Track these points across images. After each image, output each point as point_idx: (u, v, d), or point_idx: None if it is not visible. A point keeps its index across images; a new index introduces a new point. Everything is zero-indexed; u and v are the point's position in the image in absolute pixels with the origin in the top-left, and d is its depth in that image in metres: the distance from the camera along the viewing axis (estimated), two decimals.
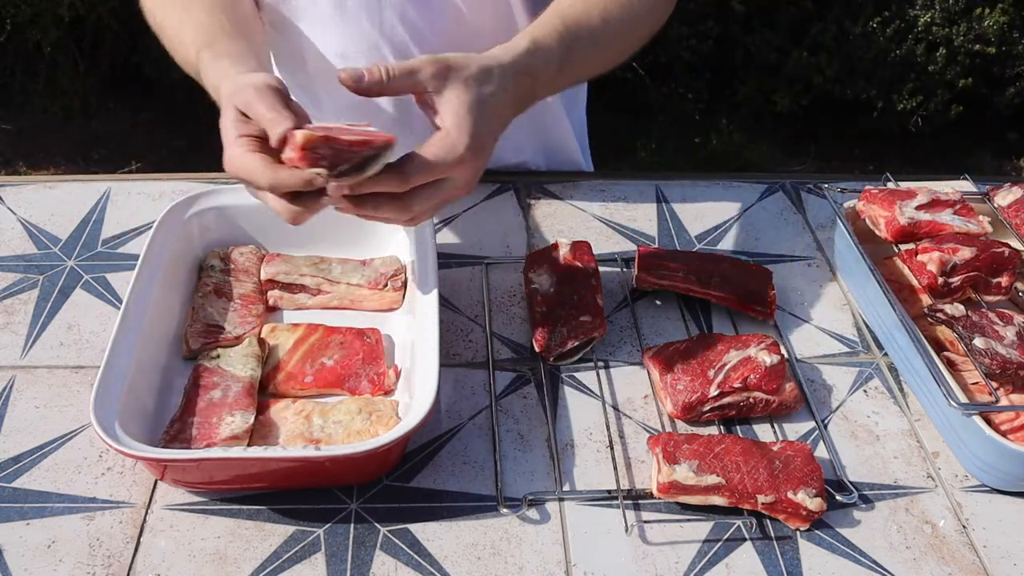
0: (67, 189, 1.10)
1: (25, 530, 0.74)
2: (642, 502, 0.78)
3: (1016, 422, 0.79)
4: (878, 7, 2.55)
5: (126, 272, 0.97)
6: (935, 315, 0.86)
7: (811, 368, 0.91)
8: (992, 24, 2.50)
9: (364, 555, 0.73)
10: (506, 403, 0.86)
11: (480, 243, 1.04)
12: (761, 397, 0.83)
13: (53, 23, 2.61)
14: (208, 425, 0.77)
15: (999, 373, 0.80)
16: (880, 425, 0.86)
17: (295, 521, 0.75)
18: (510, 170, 1.17)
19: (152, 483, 0.77)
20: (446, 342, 0.91)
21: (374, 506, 0.76)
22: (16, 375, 0.86)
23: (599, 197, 1.13)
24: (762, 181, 1.18)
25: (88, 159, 2.76)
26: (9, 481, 0.77)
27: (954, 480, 0.82)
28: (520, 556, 0.73)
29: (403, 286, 0.93)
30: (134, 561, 0.72)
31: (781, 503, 0.75)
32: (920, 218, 0.94)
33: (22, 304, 0.94)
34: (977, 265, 0.89)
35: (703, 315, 0.97)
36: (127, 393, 0.75)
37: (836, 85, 2.63)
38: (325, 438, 0.78)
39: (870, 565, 0.74)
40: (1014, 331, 0.84)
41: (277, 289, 0.92)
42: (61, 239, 1.02)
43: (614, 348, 0.92)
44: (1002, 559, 0.75)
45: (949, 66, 2.56)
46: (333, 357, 0.85)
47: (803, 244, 1.08)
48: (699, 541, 0.75)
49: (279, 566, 0.72)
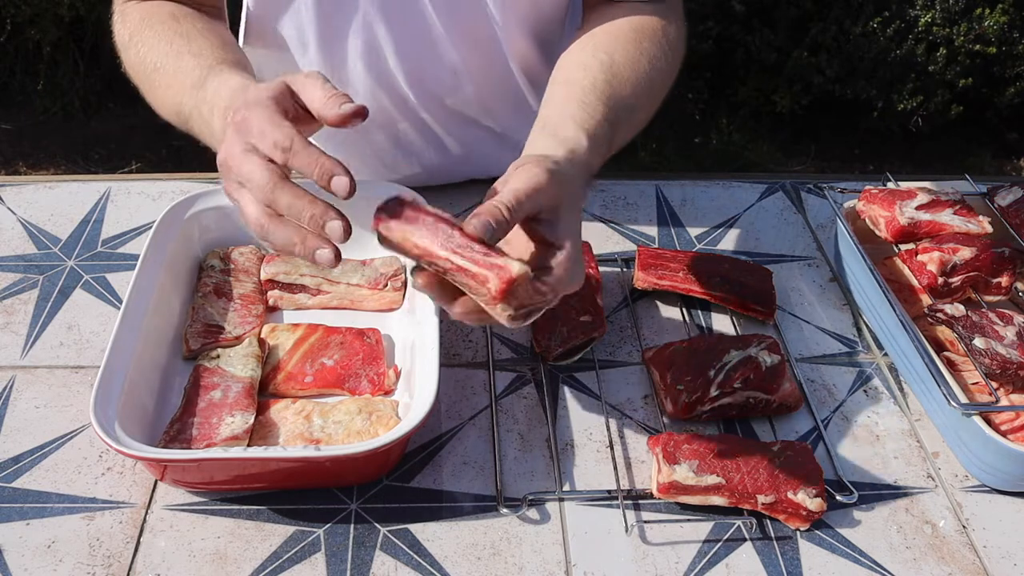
0: (67, 189, 1.10)
1: (25, 530, 0.74)
2: (642, 502, 0.78)
3: (1016, 422, 0.79)
4: (878, 7, 2.55)
5: (126, 272, 0.97)
6: (935, 315, 0.86)
7: (811, 368, 0.91)
8: (992, 24, 2.50)
9: (364, 555, 0.73)
10: (506, 403, 0.86)
11: None
12: (761, 397, 0.83)
13: (53, 23, 2.61)
14: (208, 425, 0.77)
15: (999, 373, 0.80)
16: (880, 425, 0.86)
17: (295, 521, 0.75)
18: None
19: (152, 483, 0.77)
20: (446, 342, 0.91)
21: (374, 506, 0.76)
22: (16, 375, 0.86)
23: (599, 197, 1.13)
24: (762, 181, 1.18)
25: (88, 159, 2.76)
26: (9, 481, 0.77)
27: (954, 480, 0.82)
28: (520, 556, 0.73)
29: (403, 286, 0.93)
30: (134, 561, 0.72)
31: (781, 503, 0.75)
32: (920, 218, 0.94)
33: (22, 304, 0.94)
34: (977, 265, 0.89)
35: (703, 315, 0.97)
36: (127, 393, 0.75)
37: (836, 85, 2.63)
38: (325, 438, 0.78)
39: (870, 565, 0.74)
40: (1014, 331, 0.84)
41: (277, 289, 0.92)
42: (61, 239, 1.02)
43: (614, 348, 0.92)
44: (1002, 559, 0.75)
45: (949, 66, 2.56)
46: (333, 357, 0.85)
47: (803, 244, 1.08)
48: (699, 541, 0.75)
49: (279, 566, 0.72)
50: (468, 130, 1.08)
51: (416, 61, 0.98)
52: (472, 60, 0.99)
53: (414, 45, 0.97)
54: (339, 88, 0.66)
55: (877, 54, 2.55)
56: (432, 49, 0.97)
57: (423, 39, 0.96)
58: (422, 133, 1.06)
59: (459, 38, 0.96)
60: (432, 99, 1.02)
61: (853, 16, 2.57)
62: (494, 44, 0.98)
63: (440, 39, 0.96)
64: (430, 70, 0.99)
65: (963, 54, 2.55)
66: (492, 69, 1.01)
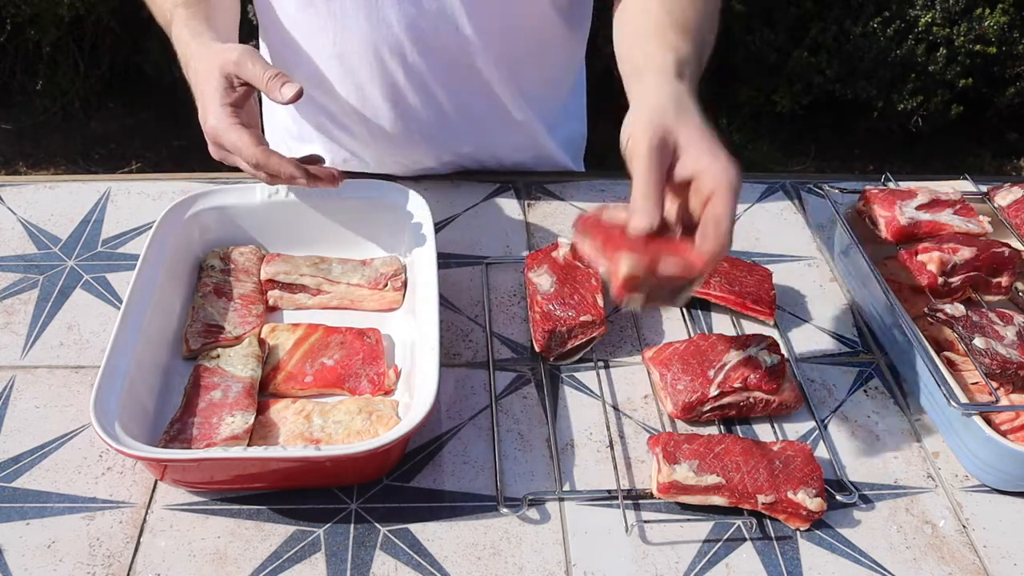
0: (67, 189, 1.10)
1: (25, 530, 0.74)
2: (642, 502, 0.78)
3: (1016, 422, 0.79)
4: (878, 7, 2.55)
5: (126, 272, 0.97)
6: (935, 315, 0.86)
7: (811, 368, 0.91)
8: (992, 24, 2.50)
9: (364, 555, 0.73)
10: (506, 403, 0.86)
11: (480, 243, 1.04)
12: (761, 397, 0.83)
13: (53, 23, 2.61)
14: (208, 425, 0.77)
15: (999, 373, 0.80)
16: (880, 425, 0.86)
17: (295, 521, 0.75)
18: (509, 170, 1.17)
19: (152, 483, 0.77)
20: (446, 342, 0.91)
21: (374, 506, 0.76)
22: (16, 375, 0.86)
23: (599, 197, 1.13)
24: (762, 181, 1.18)
25: (88, 159, 2.76)
26: (9, 481, 0.77)
27: (954, 480, 0.82)
28: (520, 556, 0.73)
29: (403, 286, 0.93)
30: (134, 561, 0.72)
31: (781, 503, 0.75)
32: (920, 218, 0.94)
33: (22, 304, 0.94)
34: (977, 265, 0.89)
35: (703, 315, 0.97)
36: (127, 393, 0.75)
37: (836, 85, 2.63)
38: (325, 438, 0.78)
39: (870, 565, 0.74)
40: (1014, 331, 0.84)
41: (277, 289, 0.92)
42: (61, 239, 1.02)
43: (614, 348, 0.92)
44: (1002, 559, 0.75)
45: (949, 66, 2.56)
46: (333, 357, 0.85)
47: (803, 244, 1.08)
48: (699, 541, 0.75)
49: (279, 566, 0.72)
50: (465, 84, 1.06)
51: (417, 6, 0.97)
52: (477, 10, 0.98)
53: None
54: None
55: (877, 54, 2.55)
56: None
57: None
58: (416, 87, 1.04)
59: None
60: (430, 49, 1.01)
61: (853, 16, 2.57)
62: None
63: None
64: (432, 21, 0.98)
65: (963, 54, 2.55)
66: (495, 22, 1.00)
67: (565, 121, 1.21)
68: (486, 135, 1.12)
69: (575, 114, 1.24)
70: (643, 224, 0.67)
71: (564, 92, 1.19)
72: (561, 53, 1.12)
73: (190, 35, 0.87)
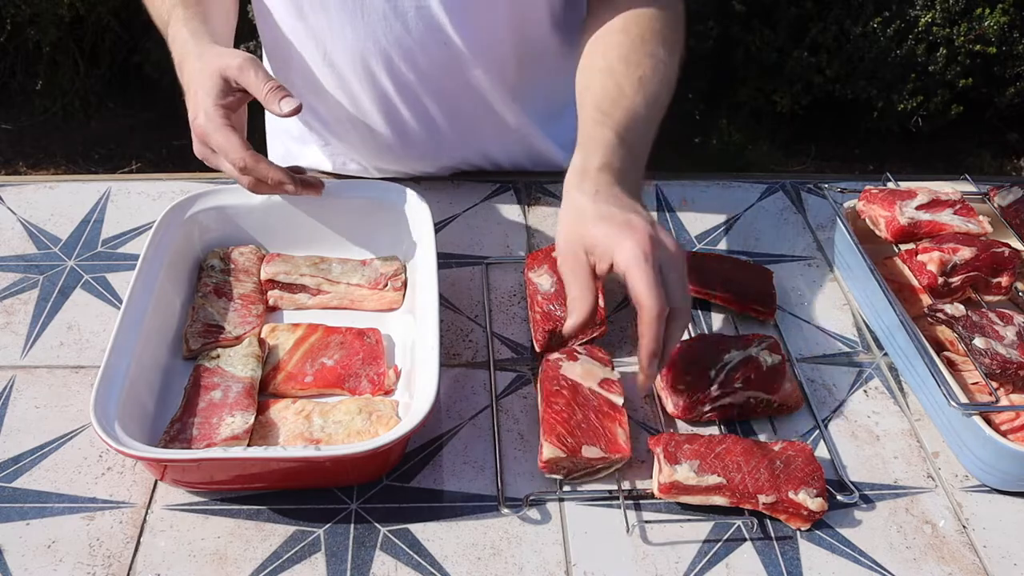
0: (67, 189, 1.10)
1: (25, 530, 0.74)
2: (643, 502, 0.78)
3: (1016, 422, 0.78)
4: (878, 7, 2.55)
5: (126, 272, 0.97)
6: (935, 315, 0.86)
7: (811, 368, 0.91)
8: (992, 24, 2.50)
9: (364, 555, 0.73)
10: (506, 403, 0.86)
11: (480, 243, 1.04)
12: (762, 397, 0.83)
13: (53, 23, 2.61)
14: (208, 425, 0.77)
15: (999, 373, 0.80)
16: (880, 425, 0.86)
17: (295, 521, 0.75)
18: (509, 171, 1.17)
19: (152, 483, 0.77)
20: (446, 342, 0.91)
21: (374, 506, 0.76)
22: (16, 375, 0.86)
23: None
24: (762, 181, 1.18)
25: (88, 159, 2.76)
26: (9, 481, 0.77)
27: (954, 480, 0.82)
28: (520, 556, 0.73)
29: (403, 286, 0.93)
30: (134, 561, 0.72)
31: (782, 503, 0.75)
32: (920, 218, 0.94)
33: (22, 304, 0.94)
34: (977, 265, 0.89)
35: (703, 315, 0.97)
36: (127, 393, 0.75)
37: (836, 85, 2.63)
38: (325, 438, 0.78)
39: (870, 565, 0.74)
40: (1014, 331, 0.84)
41: (277, 289, 0.92)
42: (61, 239, 1.02)
43: (614, 348, 0.92)
44: (1002, 559, 0.75)
45: (949, 66, 2.56)
46: (333, 357, 0.85)
47: (803, 244, 1.08)
48: (699, 541, 0.75)
49: (279, 566, 0.72)
50: (456, 95, 1.05)
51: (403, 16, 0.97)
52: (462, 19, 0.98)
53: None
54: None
55: (877, 54, 2.55)
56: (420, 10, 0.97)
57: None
58: (407, 98, 1.04)
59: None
60: (419, 63, 1.01)
61: (853, 16, 2.57)
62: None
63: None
64: (419, 37, 0.98)
65: (963, 54, 2.55)
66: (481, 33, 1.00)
67: (561, 122, 1.21)
68: (481, 142, 1.12)
69: (571, 113, 1.24)
70: (574, 324, 0.76)
71: (559, 94, 1.19)
72: (553, 58, 1.12)
73: (189, 33, 0.87)
